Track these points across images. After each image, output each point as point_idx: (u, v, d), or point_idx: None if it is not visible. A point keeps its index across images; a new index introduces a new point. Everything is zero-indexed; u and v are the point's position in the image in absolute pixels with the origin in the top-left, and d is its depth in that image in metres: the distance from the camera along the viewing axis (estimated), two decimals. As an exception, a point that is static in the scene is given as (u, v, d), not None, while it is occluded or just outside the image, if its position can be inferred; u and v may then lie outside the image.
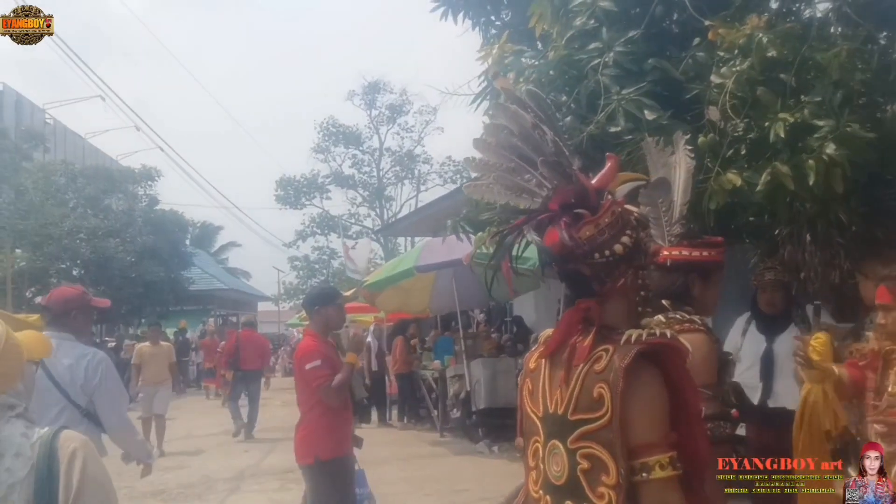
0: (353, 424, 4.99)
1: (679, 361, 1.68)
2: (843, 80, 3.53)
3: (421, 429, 12.45)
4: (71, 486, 1.63)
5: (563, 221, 1.67)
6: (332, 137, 34.99)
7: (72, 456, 1.66)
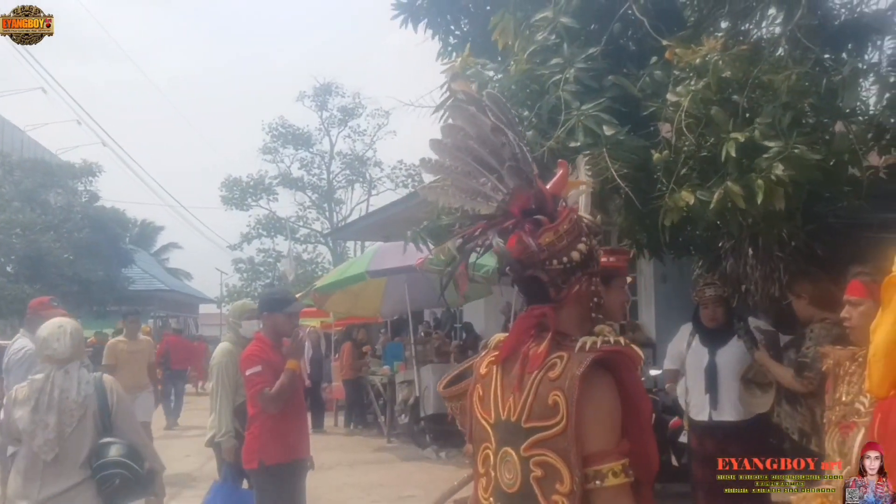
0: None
1: (632, 368, 1.70)
2: (793, 102, 3.67)
3: (368, 435, 12.38)
4: (113, 398, 3.45)
5: (526, 227, 1.67)
6: (281, 138, 34.56)
7: (111, 384, 3.50)
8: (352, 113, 34.70)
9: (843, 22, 5.48)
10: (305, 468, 4.68)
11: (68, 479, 3.21)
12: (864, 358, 2.74)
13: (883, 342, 1.87)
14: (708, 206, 3.65)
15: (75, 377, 3.33)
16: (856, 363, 2.81)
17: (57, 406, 3.23)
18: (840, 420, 2.74)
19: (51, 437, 3.19)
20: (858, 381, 2.74)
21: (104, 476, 3.20)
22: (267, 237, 34.74)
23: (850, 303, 2.86)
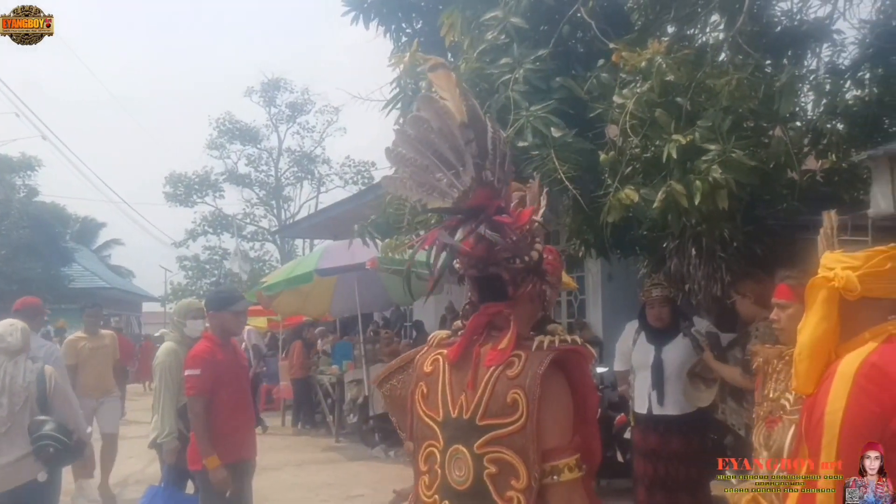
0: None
1: (584, 366, 1.74)
2: (733, 106, 3.77)
3: (316, 434, 12.26)
4: (51, 385, 4.06)
5: (496, 224, 1.68)
6: (227, 134, 33.96)
7: (51, 374, 4.11)
8: (301, 109, 34.32)
9: (783, 29, 5.66)
10: (251, 469, 4.63)
11: (19, 449, 3.94)
12: (790, 357, 2.82)
13: (808, 342, 1.94)
14: (651, 205, 3.73)
15: (22, 367, 4.04)
16: (783, 361, 2.91)
17: (8, 389, 3.95)
18: (767, 415, 2.85)
19: (3, 415, 3.92)
20: (785, 379, 2.85)
21: (40, 446, 3.93)
22: (213, 234, 34.09)
23: (778, 305, 2.96)
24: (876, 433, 1.74)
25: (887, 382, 1.77)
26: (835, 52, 6.39)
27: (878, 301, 1.89)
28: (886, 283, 1.88)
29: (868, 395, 1.77)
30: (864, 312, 1.90)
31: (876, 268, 1.87)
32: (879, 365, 1.80)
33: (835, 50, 6.38)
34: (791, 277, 2.98)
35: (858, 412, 1.76)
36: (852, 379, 1.80)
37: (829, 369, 1.89)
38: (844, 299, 1.89)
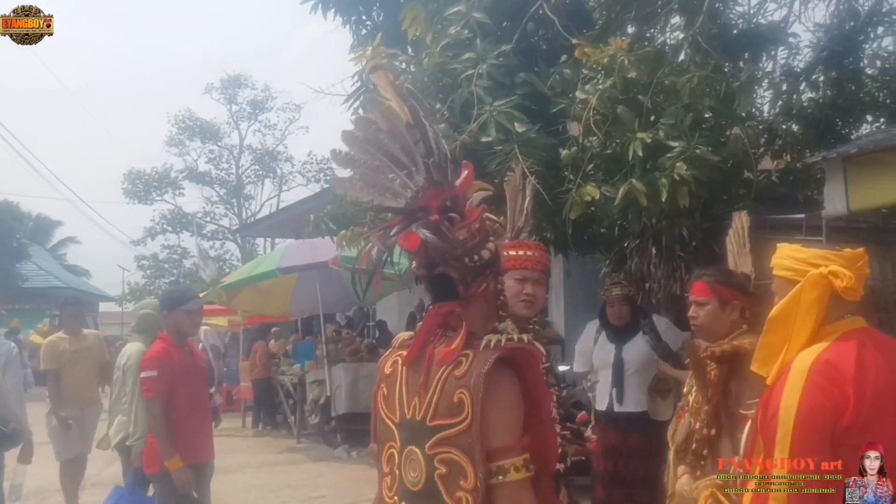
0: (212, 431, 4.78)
1: (534, 365, 1.73)
2: (694, 104, 3.82)
3: (277, 435, 12.14)
4: None
5: (444, 223, 1.67)
6: (187, 131, 33.44)
7: None
8: (262, 106, 33.95)
9: (740, 32, 5.76)
10: (210, 472, 4.57)
11: None
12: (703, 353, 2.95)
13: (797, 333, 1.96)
14: (612, 202, 3.76)
15: None
16: None
17: None
18: (678, 410, 2.99)
19: None
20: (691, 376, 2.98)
21: None
22: (172, 233, 33.55)
23: (696, 303, 2.99)
24: (828, 428, 1.78)
25: (840, 378, 1.81)
26: (790, 54, 6.54)
27: (842, 300, 1.94)
28: (859, 284, 1.94)
29: (821, 390, 1.80)
30: (830, 310, 1.94)
31: (861, 270, 1.93)
32: (833, 361, 1.84)
33: (790, 53, 6.53)
34: (707, 275, 3.04)
35: (812, 407, 1.80)
36: (806, 375, 1.84)
37: (785, 366, 1.91)
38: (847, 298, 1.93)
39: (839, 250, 1.99)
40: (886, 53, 6.76)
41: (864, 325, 1.97)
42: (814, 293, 1.93)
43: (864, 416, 1.77)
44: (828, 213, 4.97)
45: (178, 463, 4.15)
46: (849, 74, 6.41)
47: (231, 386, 14.79)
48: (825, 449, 1.78)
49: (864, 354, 1.84)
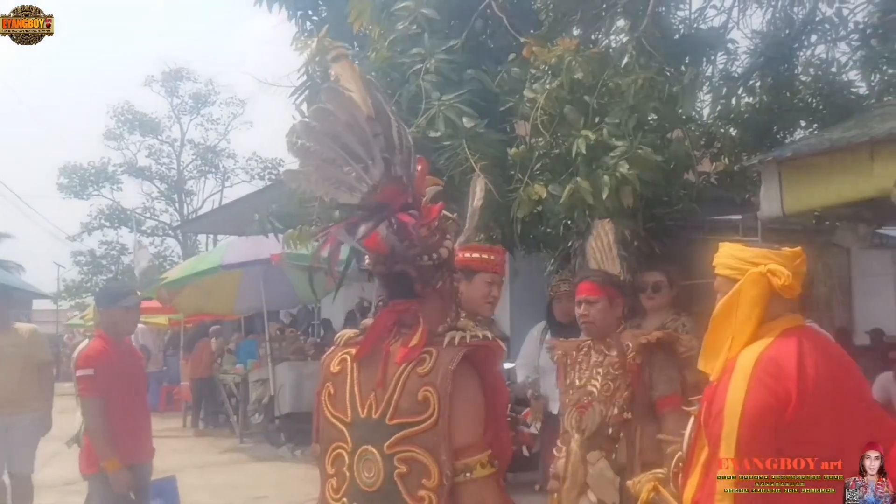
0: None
1: (494, 362, 1.74)
2: (638, 105, 3.90)
3: (219, 435, 11.92)
4: None
5: (410, 220, 1.65)
6: (126, 124, 32.54)
7: None
8: (205, 100, 33.25)
9: (683, 36, 5.91)
10: (148, 473, 4.46)
11: None
12: (588, 347, 3.17)
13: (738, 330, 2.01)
14: (558, 200, 3.81)
15: None
16: (581, 352, 3.18)
17: None
18: (576, 402, 3.08)
19: None
20: (589, 368, 3.12)
21: None
22: (110, 228, 32.58)
23: (587, 301, 3.15)
24: (772, 424, 1.82)
25: (783, 375, 1.85)
26: (729, 60, 6.75)
27: (781, 298, 1.99)
28: (797, 283, 1.99)
29: (766, 387, 1.85)
30: (770, 308, 1.99)
31: (798, 269, 1.98)
32: (776, 358, 1.89)
33: (729, 58, 6.74)
34: (594, 275, 3.23)
35: (757, 404, 1.84)
36: (751, 372, 1.88)
37: (729, 363, 1.95)
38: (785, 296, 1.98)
39: (778, 249, 2.05)
40: (819, 61, 7.04)
41: (801, 322, 2.03)
42: (754, 291, 1.98)
43: (805, 412, 1.81)
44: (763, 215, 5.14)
45: (115, 464, 4.04)
46: (784, 80, 6.64)
47: (171, 385, 14.46)
48: (770, 444, 1.82)
49: (804, 351, 1.89)
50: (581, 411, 3.05)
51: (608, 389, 3.02)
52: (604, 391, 3.02)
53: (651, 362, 3.03)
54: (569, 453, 3.07)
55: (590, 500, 3.00)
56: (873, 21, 7.03)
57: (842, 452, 1.80)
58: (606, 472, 2.96)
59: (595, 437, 3.01)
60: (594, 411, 3.01)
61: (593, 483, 2.99)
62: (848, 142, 4.56)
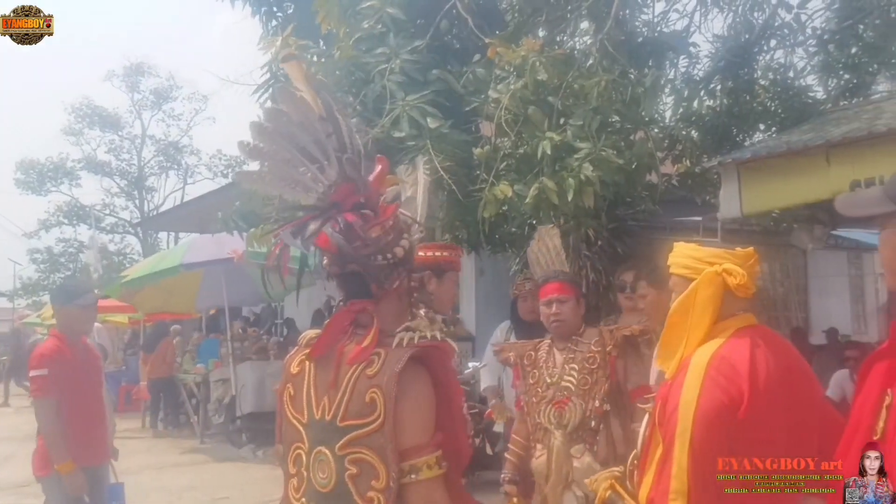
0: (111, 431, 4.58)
1: (446, 362, 1.73)
2: (601, 107, 3.94)
3: (179, 436, 11.74)
4: None
5: (355, 220, 1.64)
6: (86, 119, 31.86)
7: None
8: (166, 96, 32.71)
9: (646, 39, 5.99)
10: (105, 474, 4.37)
11: None
12: (549, 346, 3.23)
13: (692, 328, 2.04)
14: (524, 200, 3.83)
15: None
16: (540, 352, 3.25)
17: None
18: (553, 398, 3.12)
19: None
20: (557, 365, 3.17)
21: None
22: (68, 225, 31.88)
23: (559, 301, 3.21)
24: (725, 423, 1.85)
25: (735, 375, 1.88)
26: (690, 63, 6.87)
27: (734, 298, 2.02)
28: (750, 282, 2.01)
29: (718, 386, 1.87)
30: (723, 307, 2.02)
31: (752, 268, 2.01)
32: (729, 358, 1.91)
33: (690, 61, 6.86)
34: (562, 275, 3.32)
35: (710, 403, 1.86)
36: (705, 371, 1.90)
37: (683, 361, 1.98)
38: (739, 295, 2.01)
39: (732, 249, 2.08)
40: (778, 66, 7.20)
41: (755, 321, 2.06)
42: (708, 290, 2.02)
43: (757, 411, 1.84)
44: (723, 216, 5.24)
45: (69, 466, 3.95)
46: (744, 84, 6.78)
47: (130, 385, 14.20)
48: (723, 443, 1.85)
49: (757, 351, 1.92)
50: (560, 407, 3.09)
51: (586, 383, 3.08)
52: (581, 385, 3.08)
53: (626, 354, 3.12)
54: (550, 450, 3.09)
55: (576, 494, 3.03)
56: (830, 27, 7.21)
57: (794, 450, 1.82)
58: (593, 465, 3.00)
59: (577, 431, 3.06)
60: (574, 406, 3.06)
61: (580, 477, 3.02)
62: (805, 145, 4.67)
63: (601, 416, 3.06)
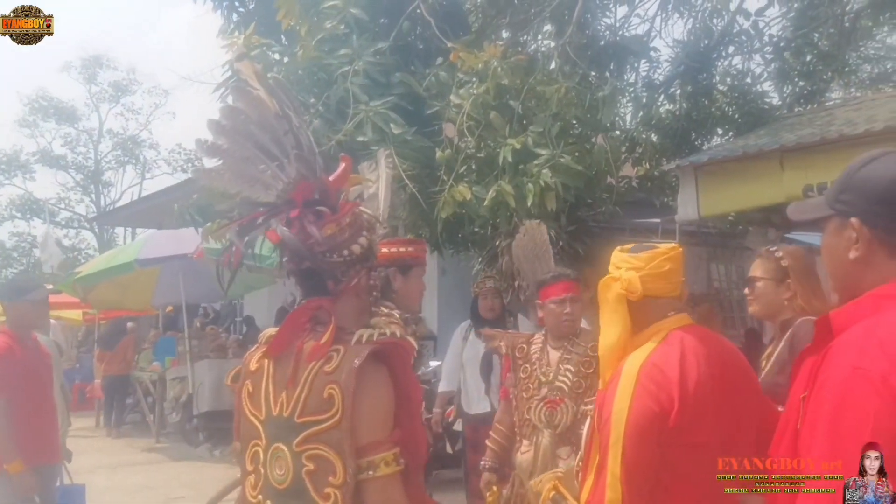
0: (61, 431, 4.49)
1: (405, 359, 1.73)
2: (561, 112, 3.98)
3: (134, 435, 11.54)
4: None
5: (308, 217, 1.64)
6: (41, 111, 31.08)
7: None
8: (125, 89, 32.06)
9: (607, 43, 6.07)
10: (56, 473, 4.28)
11: None
12: (542, 342, 3.21)
13: (603, 339, 2.06)
14: (482, 203, 3.85)
15: None
16: (533, 346, 3.22)
17: None
18: (546, 396, 3.10)
19: None
20: (551, 363, 3.15)
21: None
22: (21, 219, 31.10)
23: (573, 300, 3.20)
24: (656, 430, 1.85)
25: (665, 382, 1.87)
26: (651, 68, 6.97)
27: (658, 300, 2.01)
28: (665, 282, 2.00)
29: (649, 394, 1.87)
30: (648, 310, 2.01)
31: (656, 269, 2.00)
32: (659, 364, 1.91)
33: (651, 66, 6.96)
34: (571, 273, 3.32)
35: (641, 411, 1.86)
36: (636, 379, 1.90)
37: (618, 368, 1.98)
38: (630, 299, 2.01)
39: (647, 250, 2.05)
40: (736, 71, 7.35)
41: (688, 321, 2.04)
42: (608, 295, 2.03)
43: (688, 416, 1.85)
44: (681, 218, 5.33)
45: (19, 466, 3.86)
46: (702, 89, 6.91)
47: (84, 383, 13.91)
48: (654, 452, 1.85)
49: (687, 354, 1.91)
50: (552, 407, 3.09)
51: (580, 386, 3.07)
52: (575, 388, 3.08)
53: None
54: (537, 447, 3.10)
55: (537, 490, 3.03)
56: (787, 35, 7.39)
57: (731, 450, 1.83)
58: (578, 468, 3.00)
59: (566, 433, 3.06)
60: (566, 407, 3.06)
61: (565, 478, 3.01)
62: (760, 149, 4.78)
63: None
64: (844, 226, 1.37)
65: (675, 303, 2.04)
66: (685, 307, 2.09)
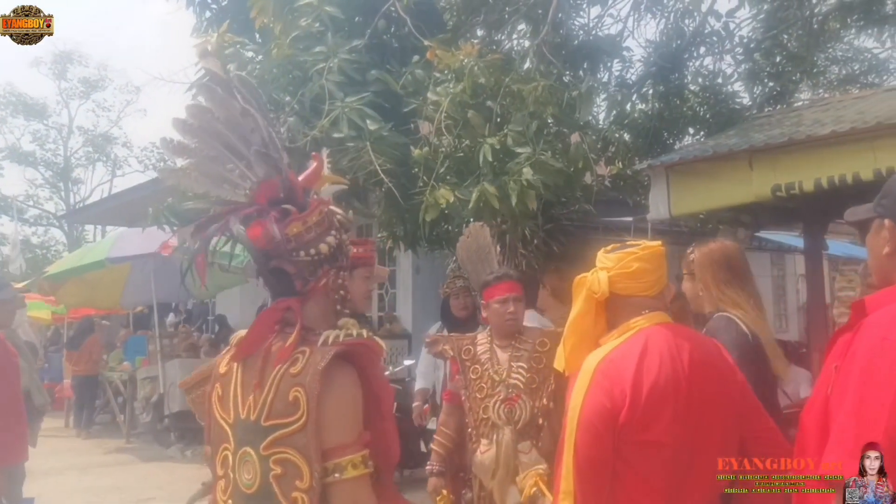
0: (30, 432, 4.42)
1: (374, 360, 1.70)
2: (538, 111, 3.99)
3: (104, 436, 11.38)
4: None
5: (271, 215, 1.61)
6: (9, 107, 30.49)
7: None
8: (96, 85, 31.55)
9: (581, 42, 6.11)
10: (21, 473, 4.23)
11: None
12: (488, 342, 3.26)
13: (569, 331, 2.09)
14: (466, 205, 3.85)
15: None
16: (479, 346, 3.27)
17: None
18: (506, 394, 3.14)
19: None
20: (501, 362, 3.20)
21: None
22: (-11, 217, 30.47)
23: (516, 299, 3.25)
24: (608, 427, 1.85)
25: (618, 378, 1.87)
26: (624, 67, 7.04)
27: (628, 298, 2.02)
28: (633, 281, 2.01)
29: (602, 390, 1.87)
30: (619, 308, 2.03)
31: (624, 269, 2.01)
32: (615, 361, 1.91)
33: (624, 66, 7.03)
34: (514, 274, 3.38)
35: (592, 408, 1.87)
36: (591, 376, 1.91)
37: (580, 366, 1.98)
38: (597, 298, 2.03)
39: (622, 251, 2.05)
40: (707, 72, 7.44)
41: (664, 319, 2.03)
42: (579, 295, 2.06)
43: (640, 414, 1.83)
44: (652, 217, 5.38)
45: None
46: (674, 89, 6.99)
47: (53, 383, 13.68)
48: (605, 448, 1.85)
49: (649, 352, 1.90)
50: (510, 405, 3.14)
51: (534, 382, 3.14)
52: (529, 384, 3.14)
53: None
54: (498, 445, 3.13)
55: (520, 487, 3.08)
56: (757, 36, 7.50)
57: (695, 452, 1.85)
58: (539, 459, 3.07)
59: (526, 428, 3.12)
60: (524, 403, 3.13)
61: (526, 470, 3.08)
62: (729, 149, 4.84)
63: (547, 413, 3.13)
64: (882, 226, 1.64)
65: (652, 302, 2.03)
66: (664, 306, 2.09)
